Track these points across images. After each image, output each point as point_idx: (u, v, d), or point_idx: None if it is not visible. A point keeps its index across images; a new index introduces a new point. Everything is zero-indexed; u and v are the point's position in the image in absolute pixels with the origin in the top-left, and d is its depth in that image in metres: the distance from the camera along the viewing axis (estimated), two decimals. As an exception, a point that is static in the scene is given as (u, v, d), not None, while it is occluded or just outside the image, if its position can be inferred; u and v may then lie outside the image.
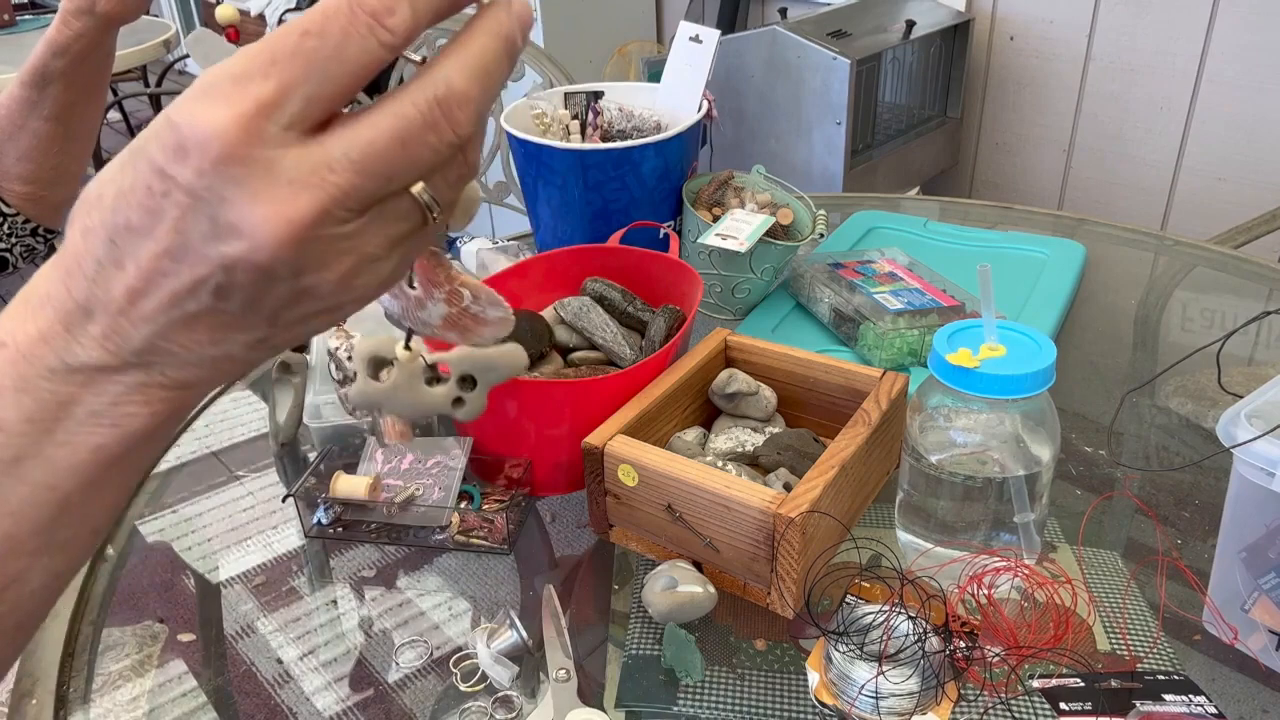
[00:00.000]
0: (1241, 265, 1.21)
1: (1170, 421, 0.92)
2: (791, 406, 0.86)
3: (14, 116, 0.82)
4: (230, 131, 0.26)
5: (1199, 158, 2.20)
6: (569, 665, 0.65)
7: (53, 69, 0.79)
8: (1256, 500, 0.61)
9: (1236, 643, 0.65)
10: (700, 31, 1.10)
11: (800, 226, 1.09)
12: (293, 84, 0.27)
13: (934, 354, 0.67)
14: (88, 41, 0.79)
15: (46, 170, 0.85)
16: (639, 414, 0.77)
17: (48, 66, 0.79)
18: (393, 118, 0.28)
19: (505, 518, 0.78)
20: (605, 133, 1.15)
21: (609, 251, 0.98)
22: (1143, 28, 2.17)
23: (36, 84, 0.80)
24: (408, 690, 0.67)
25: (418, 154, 0.29)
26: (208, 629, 0.74)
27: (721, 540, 0.70)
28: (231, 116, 0.26)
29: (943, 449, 0.69)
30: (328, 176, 0.27)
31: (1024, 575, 0.70)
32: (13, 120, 0.82)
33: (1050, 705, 0.61)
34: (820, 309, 1.04)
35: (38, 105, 0.81)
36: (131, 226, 0.28)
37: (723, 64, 2.14)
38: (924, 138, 2.35)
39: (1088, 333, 1.07)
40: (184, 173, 0.27)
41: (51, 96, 0.80)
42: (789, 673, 0.65)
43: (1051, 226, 1.34)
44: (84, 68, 0.80)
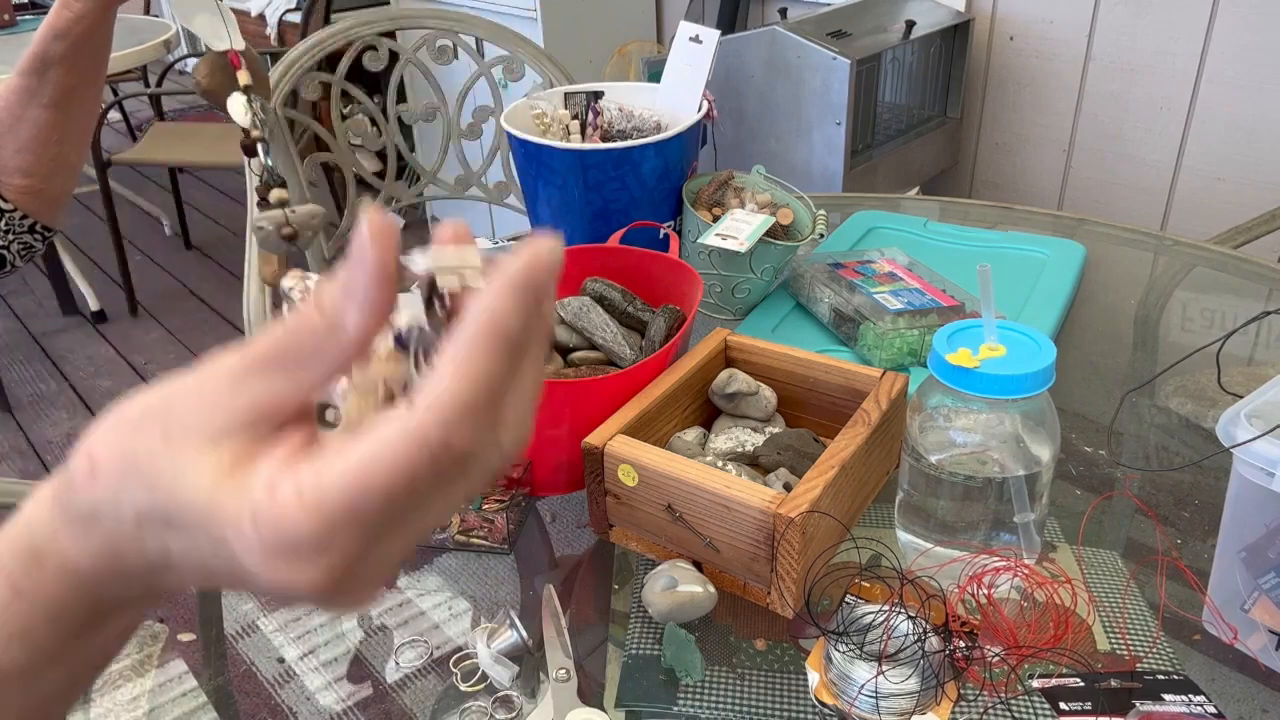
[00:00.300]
0: (1241, 265, 1.22)
1: (1170, 421, 0.92)
2: (791, 406, 0.86)
3: (13, 108, 0.82)
4: (309, 590, 0.29)
5: (1199, 158, 2.20)
6: (569, 665, 0.65)
7: (53, 53, 0.79)
8: (1256, 500, 0.61)
9: (1236, 642, 0.65)
10: (700, 31, 1.10)
11: (800, 226, 1.09)
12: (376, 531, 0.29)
13: (934, 354, 0.67)
14: (88, 24, 0.79)
15: (46, 161, 0.85)
16: (639, 414, 0.77)
17: (48, 51, 0.79)
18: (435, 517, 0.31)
19: (505, 518, 0.78)
20: (605, 133, 1.15)
21: (609, 251, 0.98)
22: (1143, 28, 2.17)
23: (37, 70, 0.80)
24: (408, 690, 0.67)
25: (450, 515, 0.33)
26: (208, 629, 0.74)
27: (721, 540, 0.70)
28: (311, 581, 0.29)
29: (943, 449, 0.69)
30: (388, 573, 0.31)
31: (1024, 575, 0.70)
32: (12, 111, 0.82)
33: (1050, 705, 0.61)
34: (820, 309, 1.04)
35: (37, 92, 0.81)
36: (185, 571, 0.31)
37: (723, 64, 2.14)
38: (924, 138, 2.35)
39: (1088, 333, 1.07)
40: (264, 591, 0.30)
41: (52, 81, 0.80)
42: (789, 673, 0.65)
43: (1051, 226, 1.34)
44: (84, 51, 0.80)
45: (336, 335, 0.30)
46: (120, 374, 2.81)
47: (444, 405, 0.28)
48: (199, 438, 0.29)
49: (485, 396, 0.28)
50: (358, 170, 1.57)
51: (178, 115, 4.13)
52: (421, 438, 0.27)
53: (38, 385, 2.78)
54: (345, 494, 0.27)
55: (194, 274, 3.39)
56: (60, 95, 0.81)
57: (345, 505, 0.28)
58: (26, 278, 3.35)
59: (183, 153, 3.00)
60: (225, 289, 3.27)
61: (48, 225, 0.89)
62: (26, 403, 2.70)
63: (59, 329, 3.07)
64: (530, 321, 0.29)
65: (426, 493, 0.29)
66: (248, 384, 0.30)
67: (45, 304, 3.19)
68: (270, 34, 3.56)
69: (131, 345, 2.96)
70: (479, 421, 0.28)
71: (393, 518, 0.29)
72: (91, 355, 2.92)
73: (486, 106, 1.60)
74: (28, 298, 3.27)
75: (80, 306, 3.13)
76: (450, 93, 1.59)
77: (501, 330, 0.28)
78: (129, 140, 4.16)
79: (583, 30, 2.70)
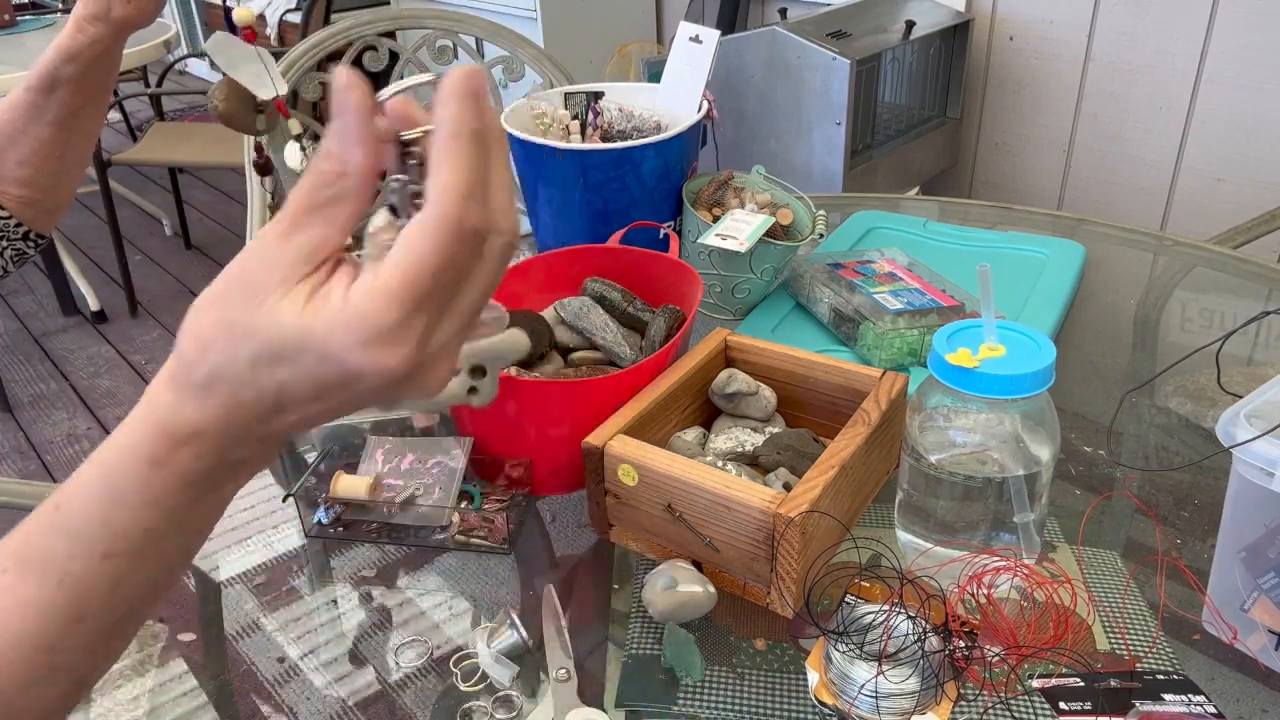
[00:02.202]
0: (1241, 265, 1.22)
1: (1170, 421, 0.92)
2: (791, 406, 0.86)
3: (17, 121, 0.82)
4: (402, 369, 0.35)
5: (1199, 158, 2.20)
6: (569, 665, 0.65)
7: (62, 74, 0.79)
8: (1256, 500, 0.61)
9: (1236, 642, 0.65)
10: (700, 32, 1.10)
11: (800, 226, 1.09)
12: (436, 312, 0.36)
13: (934, 354, 0.67)
14: (100, 48, 0.79)
15: (45, 175, 0.85)
16: (639, 414, 0.77)
17: (57, 72, 0.79)
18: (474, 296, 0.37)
19: (505, 518, 0.78)
20: (605, 133, 1.15)
21: (609, 251, 0.98)
22: (1143, 28, 2.17)
23: (44, 89, 0.80)
24: (408, 690, 0.67)
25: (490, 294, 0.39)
26: (208, 629, 0.74)
27: (721, 540, 0.70)
28: (402, 360, 0.35)
29: (942, 449, 0.69)
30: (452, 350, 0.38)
31: (1024, 575, 0.70)
32: (16, 125, 0.82)
33: (1050, 705, 0.61)
34: (820, 309, 1.04)
35: (43, 110, 0.81)
36: (299, 398, 0.36)
37: (723, 64, 2.14)
38: (924, 138, 2.35)
39: (1087, 333, 1.07)
40: (365, 389, 0.36)
41: (58, 101, 0.81)
42: (789, 672, 0.65)
43: (1051, 226, 1.34)
44: (93, 74, 0.80)
45: (348, 173, 0.36)
46: (120, 374, 2.81)
47: (448, 190, 0.35)
48: (276, 286, 0.36)
49: (475, 177, 0.35)
50: (358, 170, 1.56)
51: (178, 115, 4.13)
52: (442, 219, 0.34)
53: (38, 385, 2.78)
54: (405, 279, 0.34)
55: (194, 274, 3.39)
56: (65, 115, 0.82)
57: (408, 288, 0.34)
58: (27, 278, 3.35)
59: (183, 153, 3.00)
60: (225, 289, 3.26)
61: (40, 233, 0.89)
62: (26, 403, 2.70)
63: (59, 329, 3.07)
64: (482, 117, 0.36)
65: (462, 268, 0.36)
66: (297, 234, 0.36)
67: (45, 304, 3.19)
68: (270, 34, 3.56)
69: (131, 345, 2.96)
70: (478, 198, 0.35)
71: (444, 295, 0.36)
72: (91, 355, 2.92)
73: (486, 106, 1.59)
74: (28, 298, 3.27)
75: (80, 306, 3.13)
76: (450, 93, 1.59)
77: (465, 127, 0.35)
78: (129, 140, 4.16)
79: (583, 30, 2.70)
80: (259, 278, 0.36)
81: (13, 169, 0.84)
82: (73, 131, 0.83)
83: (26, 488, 1.13)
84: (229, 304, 0.36)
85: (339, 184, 0.36)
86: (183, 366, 0.37)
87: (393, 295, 0.34)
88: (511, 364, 0.47)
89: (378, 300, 0.34)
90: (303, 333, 0.35)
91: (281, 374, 0.36)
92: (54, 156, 0.84)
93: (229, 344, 0.36)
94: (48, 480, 2.34)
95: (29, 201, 0.86)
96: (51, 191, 0.87)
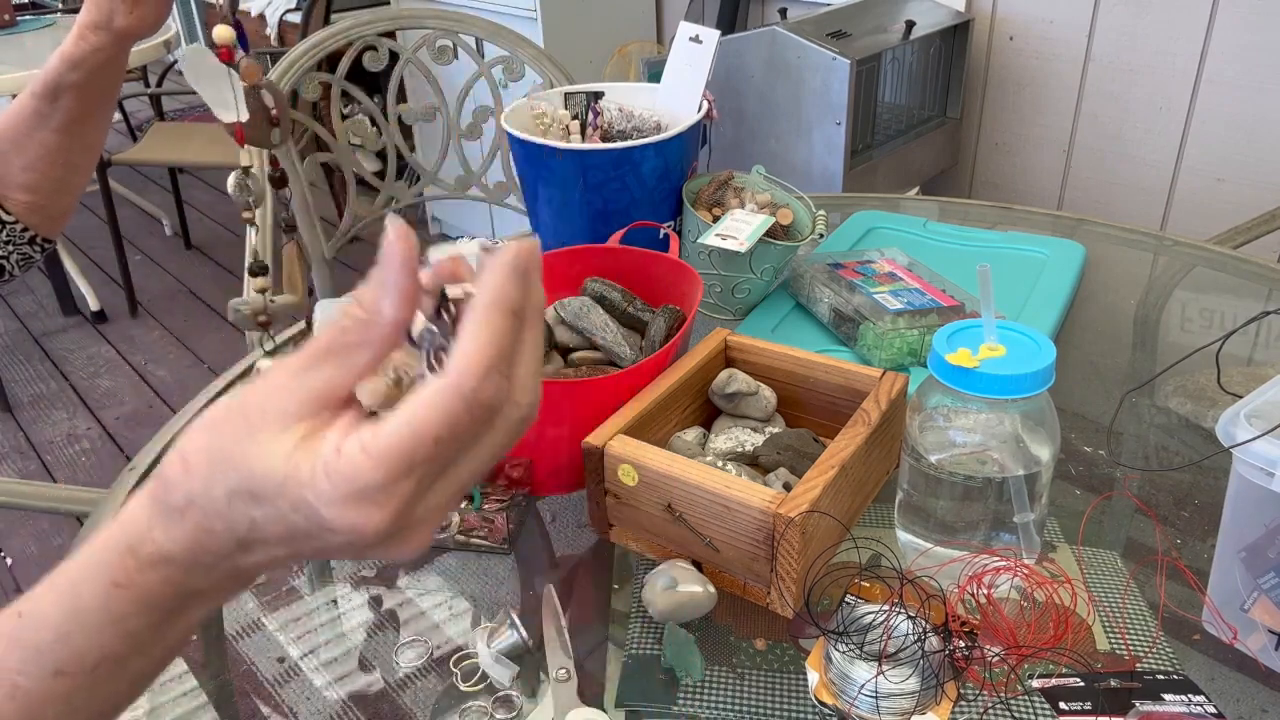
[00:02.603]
0: (1241, 265, 1.22)
1: (1170, 421, 0.92)
2: (791, 406, 0.86)
3: (22, 127, 0.82)
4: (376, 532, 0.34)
5: (1199, 158, 2.20)
6: (569, 665, 0.65)
7: (66, 82, 0.79)
8: (1256, 500, 0.61)
9: (1236, 642, 0.65)
10: (700, 32, 1.10)
11: (800, 226, 1.09)
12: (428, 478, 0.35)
13: (933, 354, 0.67)
14: (103, 56, 0.79)
15: (50, 180, 0.85)
16: (639, 414, 0.77)
17: (61, 79, 0.79)
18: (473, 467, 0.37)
19: (505, 518, 0.78)
20: (605, 133, 1.15)
21: (609, 252, 0.98)
22: (1143, 28, 2.17)
23: (48, 96, 0.80)
24: (408, 690, 0.67)
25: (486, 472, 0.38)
26: (208, 629, 0.74)
27: (721, 540, 0.70)
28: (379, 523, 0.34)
29: (942, 449, 0.69)
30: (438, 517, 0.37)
31: (1024, 575, 0.70)
32: (20, 131, 0.82)
33: (1050, 705, 0.61)
34: (820, 309, 1.04)
35: (47, 117, 0.81)
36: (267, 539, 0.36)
37: (723, 64, 2.14)
38: (924, 138, 2.35)
39: (1087, 333, 1.07)
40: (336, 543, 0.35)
41: (62, 109, 0.81)
42: (789, 672, 0.65)
43: (1051, 226, 1.34)
44: (97, 81, 0.80)
45: (376, 323, 0.36)
46: (120, 374, 2.81)
47: (470, 359, 0.34)
48: (274, 422, 0.35)
49: (501, 353, 0.34)
50: (358, 170, 1.57)
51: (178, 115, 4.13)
52: (456, 389, 0.34)
53: (38, 385, 2.78)
54: (402, 442, 0.33)
55: (194, 274, 3.39)
56: (70, 121, 0.82)
57: (402, 452, 0.33)
58: (27, 278, 3.35)
59: (183, 153, 3.00)
60: (225, 289, 3.27)
61: (47, 238, 0.89)
62: (26, 403, 2.70)
63: (59, 329, 3.07)
64: (525, 294, 0.35)
65: (466, 440, 0.35)
66: (310, 374, 0.36)
67: (45, 304, 3.19)
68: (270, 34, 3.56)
69: (131, 345, 2.96)
70: (500, 374, 0.35)
71: (441, 463, 0.35)
72: (91, 355, 2.92)
73: (486, 106, 1.60)
74: (28, 298, 3.27)
75: (80, 306, 3.13)
76: (450, 93, 1.59)
77: (504, 301, 0.35)
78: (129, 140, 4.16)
79: (583, 30, 2.70)
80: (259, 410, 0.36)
81: (18, 174, 0.84)
82: (77, 138, 0.83)
83: (26, 488, 1.13)
84: (222, 432, 0.36)
85: (364, 332, 0.36)
86: (162, 486, 0.37)
87: (384, 456, 0.33)
88: None
89: (368, 459, 0.33)
90: (285, 475, 0.34)
91: (255, 512, 0.35)
92: (59, 163, 0.84)
93: (210, 472, 0.36)
94: (48, 480, 2.34)
95: (35, 207, 0.86)
96: (57, 197, 0.87)
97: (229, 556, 0.37)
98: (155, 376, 2.80)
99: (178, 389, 2.72)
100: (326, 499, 0.33)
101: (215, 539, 0.36)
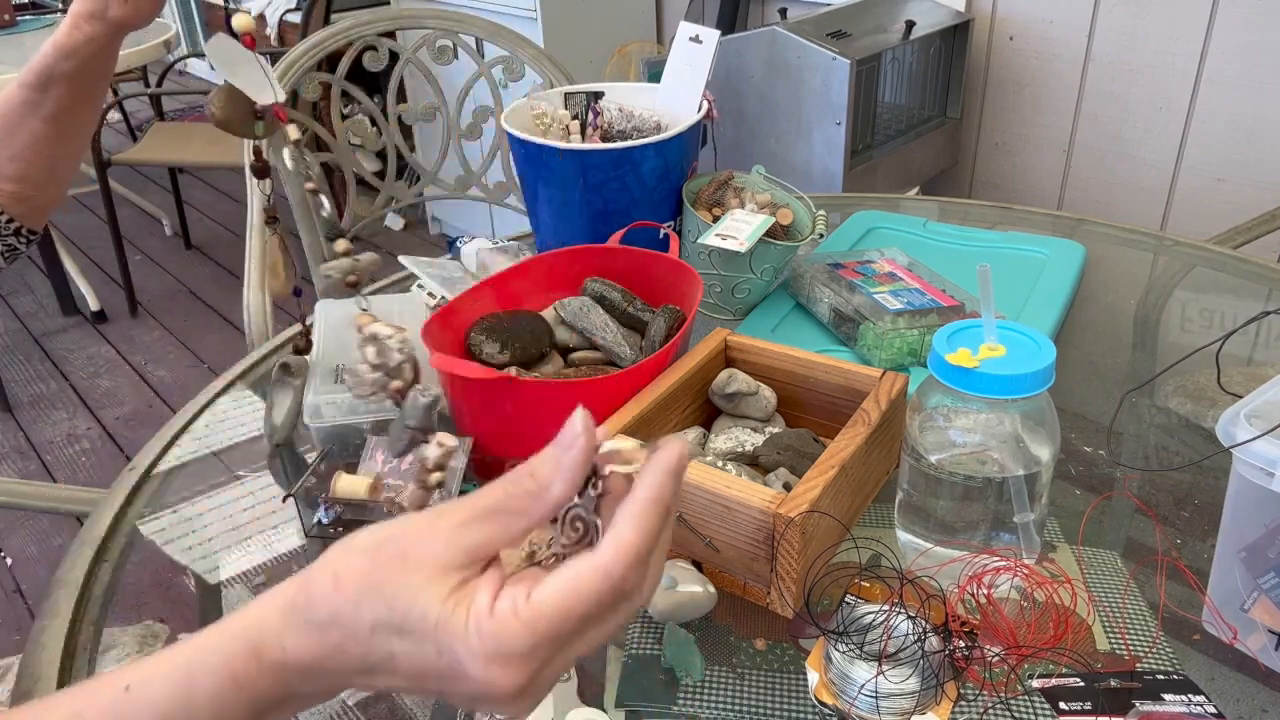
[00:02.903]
0: (1241, 265, 1.22)
1: (1170, 421, 0.92)
2: (791, 406, 0.86)
3: (11, 116, 0.82)
4: (510, 692, 0.36)
5: (1199, 158, 2.20)
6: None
7: (58, 71, 0.79)
8: (1256, 500, 0.61)
9: (1236, 642, 0.65)
10: (700, 32, 1.10)
11: (800, 226, 1.09)
12: (567, 659, 0.37)
13: (933, 354, 0.67)
14: (96, 46, 0.79)
15: (38, 171, 0.85)
16: (639, 414, 0.77)
17: (53, 69, 0.79)
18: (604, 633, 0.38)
19: (505, 518, 0.78)
20: (605, 133, 1.15)
21: (609, 251, 0.98)
22: (1143, 28, 2.17)
23: (39, 85, 0.80)
24: (408, 690, 0.66)
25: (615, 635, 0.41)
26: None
27: (721, 540, 0.70)
28: (514, 686, 0.36)
29: (942, 449, 0.69)
30: (563, 669, 0.38)
31: (1024, 575, 0.70)
32: (9, 120, 0.82)
33: (1050, 705, 0.61)
34: (820, 309, 1.04)
35: (38, 106, 0.81)
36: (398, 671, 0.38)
37: (723, 64, 2.14)
38: (924, 138, 2.35)
39: (1087, 333, 1.07)
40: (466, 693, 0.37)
41: (53, 98, 0.80)
42: (789, 672, 0.65)
43: (1051, 226, 1.34)
44: (88, 71, 0.80)
45: (543, 500, 0.38)
46: (120, 374, 2.81)
47: (626, 548, 0.36)
48: (433, 567, 0.37)
49: (649, 547, 0.37)
50: (358, 170, 1.57)
51: (178, 115, 4.13)
52: (608, 574, 0.36)
53: (38, 385, 2.78)
54: (554, 615, 0.36)
55: (194, 274, 3.39)
56: (60, 110, 0.82)
57: (551, 624, 0.36)
58: (27, 278, 3.35)
59: (183, 153, 3.00)
60: (225, 289, 3.27)
61: (32, 229, 0.89)
62: (26, 403, 2.70)
63: (59, 329, 3.07)
64: (676, 495, 0.39)
65: (602, 617, 0.37)
66: (472, 528, 0.38)
67: (45, 304, 3.19)
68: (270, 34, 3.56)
69: (131, 345, 2.96)
70: (642, 565, 0.37)
71: (578, 635, 0.37)
72: (91, 355, 2.92)
73: (486, 106, 1.60)
74: (28, 298, 3.27)
75: (80, 306, 3.13)
76: (450, 93, 1.59)
77: (664, 500, 0.38)
78: (129, 140, 4.16)
79: (583, 30, 2.70)
80: (419, 551, 0.37)
81: (5, 164, 0.83)
82: (67, 127, 0.83)
83: (26, 488, 1.13)
84: (378, 561, 0.38)
85: (530, 504, 0.38)
86: (304, 596, 0.38)
87: (535, 626, 0.36)
88: None
89: (520, 625, 0.35)
90: (439, 620, 0.36)
91: (398, 646, 0.37)
92: (47, 153, 0.84)
93: (360, 597, 0.37)
94: (47, 480, 2.34)
95: (21, 197, 0.86)
96: (44, 188, 0.87)
97: (347, 676, 0.38)
98: (155, 377, 2.80)
99: (178, 389, 2.72)
100: (473, 653, 0.36)
101: (345, 660, 0.38)
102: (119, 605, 0.75)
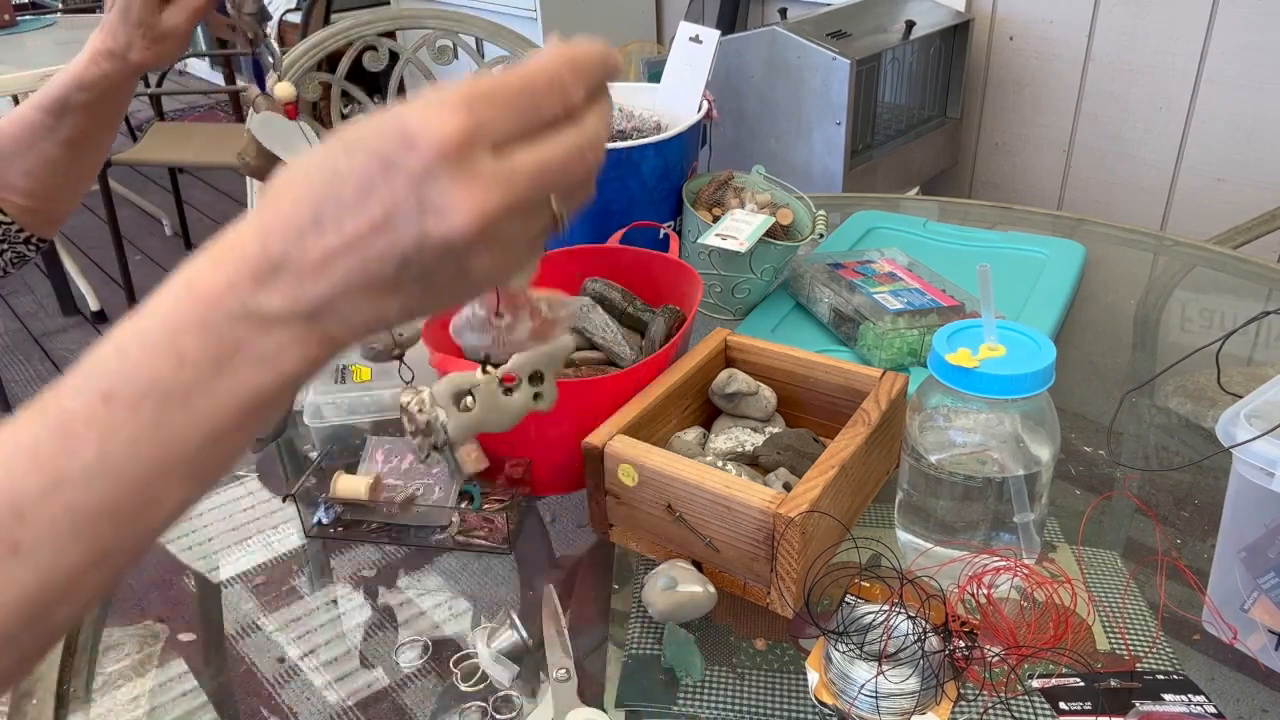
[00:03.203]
0: (1241, 265, 1.22)
1: (1170, 421, 0.92)
2: (791, 406, 0.86)
3: (25, 137, 0.82)
4: (457, 135, 0.33)
5: (1199, 158, 2.20)
6: (569, 665, 0.65)
7: (74, 101, 0.79)
8: (1256, 500, 0.61)
9: (1236, 642, 0.65)
10: (700, 32, 1.10)
11: (800, 226, 1.09)
12: (504, 118, 0.35)
13: (933, 354, 0.67)
14: (113, 83, 0.79)
15: (49, 188, 0.85)
16: (639, 414, 0.77)
17: (69, 98, 0.79)
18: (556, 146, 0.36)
19: (505, 518, 0.78)
20: (605, 133, 1.15)
21: (609, 251, 0.98)
22: (1143, 28, 2.17)
23: (54, 111, 0.80)
24: (408, 690, 0.67)
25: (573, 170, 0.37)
26: (208, 629, 0.74)
27: (721, 540, 0.70)
28: (460, 125, 0.33)
29: (942, 449, 0.69)
30: (515, 181, 0.35)
31: (1024, 575, 0.70)
32: (23, 140, 0.82)
33: (1050, 705, 0.61)
34: (820, 309, 1.04)
35: (53, 131, 0.81)
36: (343, 201, 0.34)
37: (723, 64, 2.14)
38: (924, 138, 2.35)
39: (1087, 333, 1.07)
40: (410, 161, 0.33)
41: (67, 125, 0.81)
42: (789, 672, 0.65)
43: (1051, 227, 1.34)
44: (105, 102, 0.80)
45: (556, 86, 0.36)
46: (120, 374, 2.81)
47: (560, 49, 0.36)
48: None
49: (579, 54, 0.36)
50: (358, 170, 1.56)
51: (178, 115, 4.13)
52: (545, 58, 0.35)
53: (38, 385, 2.78)
54: (488, 80, 0.34)
55: (194, 274, 3.39)
56: (74, 137, 0.82)
57: (486, 85, 0.34)
58: (27, 278, 3.35)
59: (183, 153, 3.00)
60: (225, 289, 3.26)
61: (42, 238, 0.89)
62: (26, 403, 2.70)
63: (59, 329, 3.07)
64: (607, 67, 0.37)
65: (545, 107, 0.35)
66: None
67: (45, 304, 3.19)
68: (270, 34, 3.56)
69: (131, 345, 2.96)
70: (581, 75, 0.36)
71: (521, 119, 0.35)
72: (91, 355, 2.92)
73: (486, 106, 1.59)
74: (28, 298, 3.27)
75: (80, 306, 3.13)
76: (450, 93, 1.59)
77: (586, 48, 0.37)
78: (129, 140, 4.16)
79: (583, 30, 2.69)
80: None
81: (17, 179, 0.84)
82: (81, 151, 0.84)
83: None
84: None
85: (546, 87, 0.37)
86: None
87: (469, 82, 0.34)
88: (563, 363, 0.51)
89: (456, 83, 0.34)
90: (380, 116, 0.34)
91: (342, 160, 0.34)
92: (59, 173, 0.84)
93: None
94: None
95: (32, 210, 0.86)
96: (56, 203, 0.87)
97: (299, 238, 0.34)
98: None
99: (178, 389, 2.72)
100: (411, 107, 0.34)
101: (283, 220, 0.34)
102: (119, 605, 0.76)
